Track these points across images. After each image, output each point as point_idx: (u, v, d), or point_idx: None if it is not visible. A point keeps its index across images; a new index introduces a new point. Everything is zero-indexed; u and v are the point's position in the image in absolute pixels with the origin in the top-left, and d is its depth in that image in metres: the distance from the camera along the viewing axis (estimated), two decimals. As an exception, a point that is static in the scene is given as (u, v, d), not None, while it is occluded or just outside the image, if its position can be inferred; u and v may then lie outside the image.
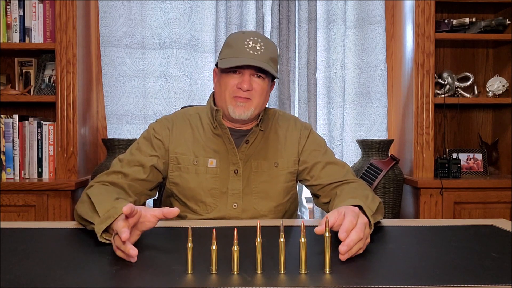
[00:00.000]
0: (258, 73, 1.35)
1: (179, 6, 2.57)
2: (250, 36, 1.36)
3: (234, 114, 1.36)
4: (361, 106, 2.69)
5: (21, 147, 2.34)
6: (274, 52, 1.38)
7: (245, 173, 1.39)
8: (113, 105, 2.57)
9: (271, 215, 1.41)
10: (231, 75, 1.35)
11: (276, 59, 1.40)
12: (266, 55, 1.34)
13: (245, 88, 1.33)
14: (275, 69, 1.39)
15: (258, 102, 1.36)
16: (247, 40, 1.34)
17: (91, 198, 1.15)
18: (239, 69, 1.34)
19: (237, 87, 1.34)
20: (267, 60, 1.34)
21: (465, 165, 2.56)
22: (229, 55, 1.35)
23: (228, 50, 1.36)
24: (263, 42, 1.36)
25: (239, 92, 1.34)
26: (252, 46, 1.33)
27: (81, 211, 1.18)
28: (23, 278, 0.80)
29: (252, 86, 1.34)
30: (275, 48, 1.40)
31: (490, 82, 2.56)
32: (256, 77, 1.35)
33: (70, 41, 2.31)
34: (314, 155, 1.44)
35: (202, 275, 0.81)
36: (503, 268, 0.85)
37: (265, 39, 1.38)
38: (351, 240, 0.90)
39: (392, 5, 2.72)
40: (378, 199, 1.22)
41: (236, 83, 1.34)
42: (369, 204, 1.12)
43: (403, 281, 0.78)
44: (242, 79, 1.34)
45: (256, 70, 1.34)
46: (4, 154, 2.33)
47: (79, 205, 1.22)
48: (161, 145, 1.40)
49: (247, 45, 1.33)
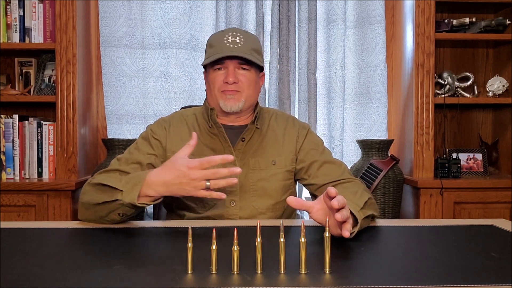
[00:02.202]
0: (242, 66, 1.38)
1: (179, 6, 2.57)
2: (229, 32, 1.40)
3: (225, 107, 1.38)
4: (361, 106, 2.69)
5: (21, 147, 2.34)
6: (256, 43, 1.42)
7: (243, 170, 1.39)
8: (113, 105, 2.57)
9: (269, 213, 1.41)
10: (217, 72, 1.39)
11: (259, 49, 1.43)
12: (247, 47, 1.37)
13: (230, 81, 1.36)
14: (259, 60, 1.42)
15: (247, 93, 1.39)
16: (226, 36, 1.38)
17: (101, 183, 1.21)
18: (223, 65, 1.38)
19: (223, 82, 1.37)
20: (248, 50, 1.37)
21: (465, 165, 2.56)
22: (211, 53, 1.39)
23: (210, 49, 1.41)
24: (243, 35, 1.39)
25: (226, 86, 1.37)
26: (232, 40, 1.37)
27: (90, 198, 1.23)
28: (23, 278, 0.80)
29: (238, 79, 1.37)
30: (257, 40, 1.44)
31: (490, 82, 2.56)
32: (241, 69, 1.39)
33: (70, 41, 2.31)
34: (311, 154, 1.45)
35: (202, 275, 0.81)
36: (503, 268, 0.85)
37: (245, 32, 1.42)
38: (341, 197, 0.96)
39: (392, 5, 2.72)
40: (368, 195, 1.24)
41: (222, 78, 1.38)
42: (357, 200, 1.16)
43: (403, 281, 0.78)
44: (227, 73, 1.37)
45: (240, 63, 1.38)
46: (4, 154, 2.33)
47: (83, 196, 1.26)
48: (159, 145, 1.42)
49: (227, 40, 1.37)
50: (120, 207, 1.17)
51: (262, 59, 1.46)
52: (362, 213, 1.11)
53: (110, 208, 1.18)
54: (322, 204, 1.05)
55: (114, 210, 1.18)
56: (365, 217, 1.14)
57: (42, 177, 2.35)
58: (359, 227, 1.07)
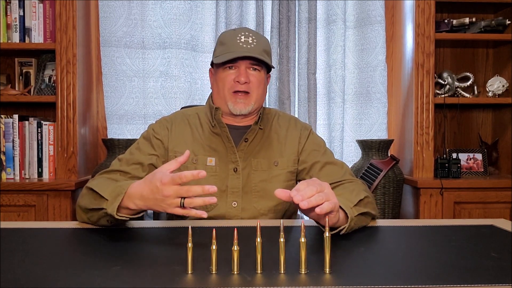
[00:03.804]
0: (253, 66, 1.38)
1: (179, 6, 2.57)
2: (241, 32, 1.40)
3: (235, 110, 1.38)
4: (361, 106, 2.69)
5: (21, 147, 2.34)
6: (267, 45, 1.42)
7: (245, 171, 1.39)
8: (113, 105, 2.57)
9: (271, 214, 1.41)
10: (227, 71, 1.38)
11: (269, 51, 1.44)
12: (259, 48, 1.38)
13: (242, 81, 1.36)
14: (270, 61, 1.42)
15: (257, 95, 1.39)
16: (239, 35, 1.38)
17: (92, 188, 1.18)
18: (235, 64, 1.37)
19: (234, 81, 1.37)
20: (260, 52, 1.37)
21: (465, 165, 2.56)
22: (224, 52, 1.38)
23: (222, 47, 1.40)
24: (255, 36, 1.40)
25: (237, 86, 1.37)
26: (245, 40, 1.37)
27: (84, 203, 1.21)
28: (23, 278, 0.80)
29: (249, 79, 1.37)
30: (267, 42, 1.44)
31: (490, 82, 2.56)
32: (252, 70, 1.39)
33: (70, 41, 2.31)
34: (313, 155, 1.44)
35: (202, 275, 0.81)
36: (503, 268, 0.85)
37: (257, 33, 1.42)
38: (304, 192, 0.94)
39: (392, 5, 2.72)
40: (365, 194, 1.22)
41: (233, 77, 1.37)
42: (352, 198, 1.15)
43: (403, 281, 0.78)
44: (238, 72, 1.37)
45: (252, 63, 1.38)
46: (4, 154, 2.33)
47: (80, 199, 1.25)
48: (160, 145, 1.41)
49: (240, 40, 1.37)
50: (107, 216, 1.13)
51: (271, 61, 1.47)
52: (355, 210, 1.10)
53: (99, 215, 1.15)
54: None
55: (102, 217, 1.15)
56: (361, 215, 1.14)
57: (42, 177, 2.35)
58: (350, 224, 1.07)
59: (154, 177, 1.03)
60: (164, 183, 0.99)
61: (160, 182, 1.00)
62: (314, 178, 1.03)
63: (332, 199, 0.99)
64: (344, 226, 1.07)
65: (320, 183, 1.00)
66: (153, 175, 1.04)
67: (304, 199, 0.93)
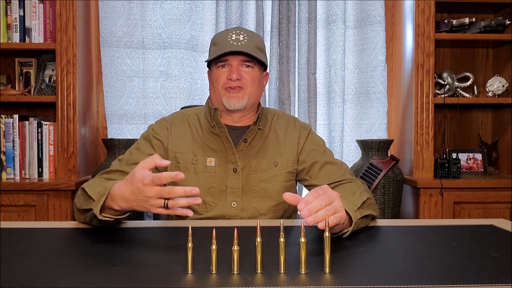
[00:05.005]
0: (246, 63, 1.39)
1: (179, 6, 2.57)
2: (233, 31, 1.41)
3: (229, 105, 1.39)
4: (361, 106, 2.69)
5: (21, 147, 2.34)
6: (259, 41, 1.43)
7: (244, 171, 1.39)
8: (113, 105, 2.57)
9: (270, 214, 1.41)
10: (220, 70, 1.40)
11: (262, 48, 1.44)
12: (251, 44, 1.38)
13: (234, 77, 1.36)
14: (263, 58, 1.42)
15: (251, 90, 1.40)
16: (230, 34, 1.40)
17: (84, 189, 1.18)
18: (227, 62, 1.38)
19: (227, 79, 1.38)
20: (252, 48, 1.38)
21: (465, 165, 2.56)
22: (215, 51, 1.39)
23: (214, 47, 1.41)
24: (246, 34, 1.40)
25: (230, 82, 1.38)
26: (236, 38, 1.38)
27: (79, 204, 1.21)
28: (23, 278, 0.80)
29: (241, 76, 1.38)
30: (261, 39, 1.45)
31: (490, 82, 2.56)
32: (245, 67, 1.39)
33: (70, 41, 2.31)
34: (312, 155, 1.44)
35: (202, 275, 0.81)
36: (503, 268, 0.85)
37: (249, 31, 1.43)
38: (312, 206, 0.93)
39: (392, 5, 2.72)
40: (367, 195, 1.22)
41: (225, 75, 1.38)
42: (355, 200, 1.15)
43: (403, 281, 0.78)
44: (231, 70, 1.38)
45: (243, 60, 1.38)
46: (4, 154, 2.33)
47: (76, 199, 1.25)
48: (160, 145, 1.42)
49: (230, 38, 1.38)
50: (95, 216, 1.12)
51: (266, 57, 1.46)
52: (359, 212, 1.11)
53: (90, 215, 1.14)
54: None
55: (93, 218, 1.14)
56: (364, 217, 1.15)
57: (42, 177, 2.35)
58: (354, 227, 1.07)
59: (133, 178, 1.01)
60: (145, 184, 0.99)
61: (141, 183, 0.99)
62: (324, 186, 1.01)
63: (340, 211, 0.99)
64: (348, 229, 1.07)
65: (330, 195, 0.99)
66: (132, 176, 1.02)
67: (311, 214, 0.92)
